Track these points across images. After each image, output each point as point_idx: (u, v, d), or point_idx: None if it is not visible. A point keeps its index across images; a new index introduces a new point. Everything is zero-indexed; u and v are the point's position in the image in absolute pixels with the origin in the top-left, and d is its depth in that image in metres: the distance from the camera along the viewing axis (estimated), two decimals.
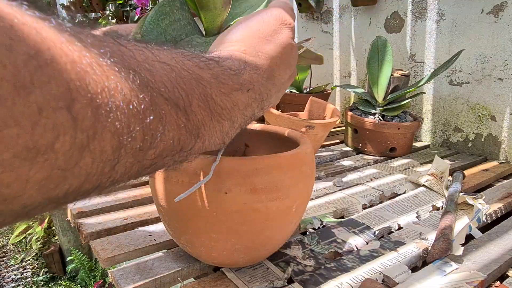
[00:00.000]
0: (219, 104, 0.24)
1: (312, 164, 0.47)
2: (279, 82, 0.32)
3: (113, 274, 0.47)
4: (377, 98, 0.97)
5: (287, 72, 0.33)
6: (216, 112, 0.24)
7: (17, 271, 2.31)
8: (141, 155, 0.19)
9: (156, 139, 0.19)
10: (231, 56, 0.28)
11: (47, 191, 0.15)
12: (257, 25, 0.31)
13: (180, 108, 0.21)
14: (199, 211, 0.41)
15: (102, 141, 0.16)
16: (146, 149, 0.19)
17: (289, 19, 0.33)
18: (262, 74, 0.29)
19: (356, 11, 1.29)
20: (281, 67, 0.31)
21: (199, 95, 0.22)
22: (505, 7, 0.90)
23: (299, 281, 0.47)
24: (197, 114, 0.22)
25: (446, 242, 0.53)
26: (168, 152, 0.21)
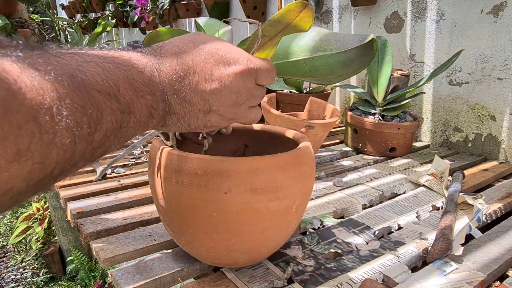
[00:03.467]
0: (139, 81, 0.30)
1: (312, 164, 0.47)
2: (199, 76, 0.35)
3: (113, 274, 0.47)
4: (377, 98, 0.97)
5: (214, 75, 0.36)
6: (139, 89, 0.30)
7: (17, 272, 2.31)
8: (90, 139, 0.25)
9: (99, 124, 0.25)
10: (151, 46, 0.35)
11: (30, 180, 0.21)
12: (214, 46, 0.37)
13: (111, 95, 0.26)
14: (199, 211, 0.41)
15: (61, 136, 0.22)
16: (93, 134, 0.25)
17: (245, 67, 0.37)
18: (165, 53, 0.34)
19: (355, 11, 1.29)
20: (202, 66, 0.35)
21: (123, 79, 0.28)
22: (504, 7, 0.90)
23: (299, 281, 0.47)
24: (125, 96, 0.28)
25: (446, 242, 0.53)
26: (111, 132, 0.27)
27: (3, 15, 1.51)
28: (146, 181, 0.78)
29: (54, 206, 2.06)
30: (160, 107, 0.32)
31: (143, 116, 0.30)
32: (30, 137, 0.20)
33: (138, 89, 0.30)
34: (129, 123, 0.29)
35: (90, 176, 0.80)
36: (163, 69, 0.33)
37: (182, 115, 0.35)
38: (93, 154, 0.26)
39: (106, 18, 2.43)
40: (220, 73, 0.36)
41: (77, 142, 0.23)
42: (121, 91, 0.27)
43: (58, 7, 4.71)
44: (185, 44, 0.36)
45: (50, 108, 0.21)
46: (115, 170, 0.83)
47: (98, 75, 0.26)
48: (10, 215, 2.83)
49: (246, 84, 0.37)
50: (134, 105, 0.29)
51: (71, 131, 0.23)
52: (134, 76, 0.30)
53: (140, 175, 0.82)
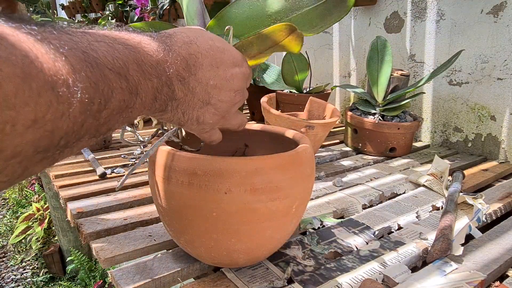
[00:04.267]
0: (148, 64, 0.30)
1: (312, 164, 0.47)
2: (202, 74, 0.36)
3: (113, 275, 0.47)
4: (377, 98, 0.97)
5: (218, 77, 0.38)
6: (147, 72, 0.30)
7: (17, 272, 2.31)
8: (97, 115, 0.25)
9: (108, 102, 0.26)
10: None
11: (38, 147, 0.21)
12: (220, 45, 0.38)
13: (121, 75, 0.27)
14: (199, 211, 0.41)
15: (74, 109, 0.23)
16: (102, 110, 0.25)
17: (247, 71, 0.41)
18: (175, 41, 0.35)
19: (355, 11, 1.29)
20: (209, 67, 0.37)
21: (133, 60, 0.29)
22: (504, 7, 0.90)
23: (299, 281, 0.47)
24: (134, 77, 0.28)
25: (446, 242, 0.53)
26: (118, 110, 0.27)
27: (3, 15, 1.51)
28: (146, 181, 0.78)
29: (54, 206, 2.06)
30: (164, 91, 0.33)
31: (148, 99, 0.31)
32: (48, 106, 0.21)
33: (146, 71, 0.30)
34: (135, 104, 0.29)
35: (90, 176, 0.80)
36: (173, 56, 0.34)
37: (182, 102, 0.36)
38: (98, 130, 0.27)
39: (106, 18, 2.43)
40: (225, 70, 0.38)
41: (87, 116, 0.24)
42: (130, 72, 0.28)
43: (58, 7, 4.71)
44: (195, 36, 0.37)
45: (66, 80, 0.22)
46: (115, 170, 0.83)
47: (109, 55, 0.26)
48: (10, 215, 2.83)
49: (244, 85, 0.41)
50: (141, 87, 0.30)
51: (84, 105, 0.23)
52: (143, 59, 0.30)
53: (140, 175, 0.82)
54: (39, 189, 2.65)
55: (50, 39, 0.22)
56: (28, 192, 2.81)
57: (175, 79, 0.34)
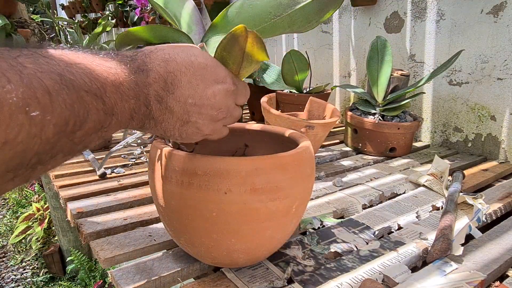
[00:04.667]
0: (125, 85, 0.31)
1: (312, 164, 0.47)
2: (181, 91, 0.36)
3: (113, 274, 0.47)
4: (377, 98, 0.97)
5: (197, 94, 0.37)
6: (124, 93, 0.31)
7: (17, 272, 2.31)
8: (72, 135, 0.26)
9: (84, 123, 0.26)
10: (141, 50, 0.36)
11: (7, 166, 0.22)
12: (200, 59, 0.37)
13: (98, 97, 0.27)
14: (199, 211, 0.41)
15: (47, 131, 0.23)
16: (76, 131, 0.26)
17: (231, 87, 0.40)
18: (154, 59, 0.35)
19: (355, 11, 1.29)
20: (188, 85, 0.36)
21: (110, 82, 0.29)
22: (504, 7, 0.90)
23: (299, 281, 0.47)
24: (111, 98, 0.29)
25: (446, 242, 0.53)
26: (93, 131, 0.28)
27: (3, 15, 1.51)
28: (146, 181, 0.78)
29: (54, 206, 2.06)
30: (142, 111, 0.34)
31: (124, 118, 0.32)
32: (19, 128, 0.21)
33: (124, 92, 0.31)
34: (111, 123, 0.30)
35: (90, 176, 0.80)
36: (151, 75, 0.34)
37: (160, 120, 0.36)
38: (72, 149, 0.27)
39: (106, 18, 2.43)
40: (205, 88, 0.37)
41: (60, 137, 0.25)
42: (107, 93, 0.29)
43: (58, 7, 4.71)
44: (176, 53, 0.36)
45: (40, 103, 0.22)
46: (115, 170, 0.83)
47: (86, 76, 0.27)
48: (10, 215, 2.83)
49: (227, 103, 0.40)
50: (118, 107, 0.30)
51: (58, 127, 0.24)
52: (121, 80, 0.31)
53: (140, 175, 0.82)
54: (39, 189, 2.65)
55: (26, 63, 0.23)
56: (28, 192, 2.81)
57: (153, 99, 0.34)
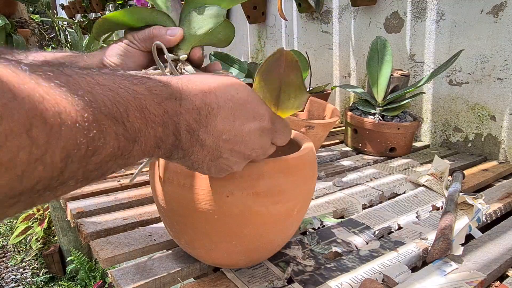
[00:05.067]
0: (153, 112, 0.29)
1: (314, 166, 0.47)
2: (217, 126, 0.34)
3: (113, 274, 0.47)
4: (376, 98, 0.97)
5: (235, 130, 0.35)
6: (150, 120, 0.28)
7: (17, 272, 2.31)
8: (85, 161, 0.23)
9: (98, 148, 0.24)
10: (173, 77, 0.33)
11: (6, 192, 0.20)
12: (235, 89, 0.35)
13: (118, 121, 0.25)
14: (200, 213, 0.41)
15: (52, 154, 0.20)
16: (90, 156, 0.23)
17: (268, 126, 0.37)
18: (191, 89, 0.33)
19: (355, 11, 1.29)
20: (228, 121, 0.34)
21: (136, 107, 0.27)
22: (504, 7, 0.90)
23: (299, 281, 0.47)
24: (134, 123, 0.27)
25: (446, 242, 0.53)
26: (110, 157, 0.25)
27: (3, 15, 1.51)
28: (146, 181, 0.78)
29: (54, 206, 2.06)
30: (170, 140, 0.31)
31: (148, 146, 0.29)
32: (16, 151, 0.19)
33: (150, 119, 0.28)
34: (132, 151, 0.27)
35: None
36: (184, 104, 0.32)
37: (190, 153, 0.34)
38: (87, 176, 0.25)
39: None
40: (242, 125, 0.35)
41: (69, 162, 0.22)
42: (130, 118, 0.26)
43: (58, 7, 4.71)
44: (217, 85, 0.34)
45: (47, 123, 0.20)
46: None
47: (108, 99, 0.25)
48: None
49: (262, 142, 0.37)
50: (141, 134, 0.28)
51: (66, 150, 0.21)
52: (148, 106, 0.28)
53: (140, 175, 0.82)
54: None
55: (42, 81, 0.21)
56: None
57: (183, 129, 0.32)
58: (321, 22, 1.44)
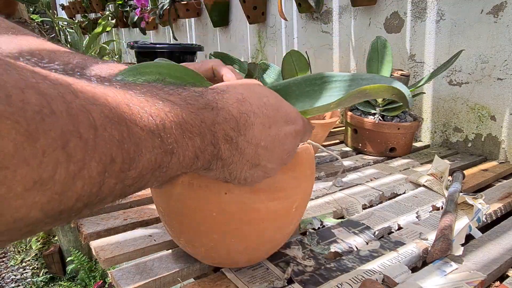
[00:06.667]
0: (189, 122, 0.28)
1: (312, 165, 0.47)
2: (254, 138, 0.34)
3: (113, 275, 0.47)
4: (376, 98, 0.97)
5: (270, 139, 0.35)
6: (187, 130, 0.28)
7: (17, 272, 2.31)
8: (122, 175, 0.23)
9: (134, 162, 0.23)
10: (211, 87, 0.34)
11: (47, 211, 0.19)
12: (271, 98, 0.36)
13: (154, 133, 0.25)
14: (199, 211, 0.41)
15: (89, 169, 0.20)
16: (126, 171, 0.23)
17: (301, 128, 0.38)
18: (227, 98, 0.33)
19: (355, 11, 1.29)
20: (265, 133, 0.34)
21: (171, 118, 0.27)
22: (504, 7, 0.90)
23: (299, 281, 0.47)
24: (171, 135, 0.26)
25: (446, 242, 0.53)
26: (148, 171, 0.25)
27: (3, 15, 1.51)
28: None
29: None
30: (208, 150, 0.31)
31: (187, 158, 0.29)
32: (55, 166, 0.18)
33: (187, 130, 0.28)
34: (170, 163, 0.27)
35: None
36: (221, 114, 0.31)
37: (229, 162, 0.33)
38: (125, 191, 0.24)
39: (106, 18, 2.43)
40: (278, 130, 0.35)
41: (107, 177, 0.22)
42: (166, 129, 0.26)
43: (58, 7, 4.71)
44: (249, 93, 0.35)
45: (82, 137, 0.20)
46: None
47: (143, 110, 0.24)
48: None
49: (296, 144, 0.38)
50: (179, 145, 0.27)
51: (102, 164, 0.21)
52: (185, 116, 0.28)
53: None
54: None
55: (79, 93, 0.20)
56: None
57: (221, 138, 0.31)
58: (321, 22, 1.44)
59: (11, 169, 0.17)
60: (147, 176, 0.25)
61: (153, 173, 0.26)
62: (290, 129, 0.36)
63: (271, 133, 0.35)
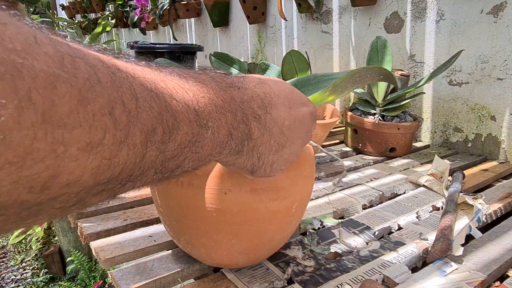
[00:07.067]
0: (220, 98, 0.30)
1: (312, 164, 0.47)
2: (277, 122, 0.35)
3: (113, 275, 0.47)
4: (376, 98, 0.97)
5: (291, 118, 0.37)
6: (219, 105, 0.29)
7: (17, 272, 2.31)
8: (162, 147, 0.24)
9: (173, 133, 0.25)
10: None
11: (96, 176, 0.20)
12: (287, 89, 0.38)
13: (189, 106, 0.26)
14: (198, 211, 0.41)
15: (133, 137, 0.22)
16: (166, 142, 0.24)
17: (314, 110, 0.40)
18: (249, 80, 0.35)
19: (355, 11, 1.29)
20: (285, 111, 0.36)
21: (203, 94, 0.28)
22: (504, 7, 0.90)
23: (299, 281, 0.47)
24: (205, 109, 0.28)
25: (446, 242, 0.53)
26: (186, 144, 0.26)
27: None
28: None
29: None
30: (241, 128, 0.32)
31: (221, 135, 0.29)
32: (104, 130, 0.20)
33: (219, 105, 0.29)
34: (206, 138, 0.28)
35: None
36: (248, 93, 0.33)
37: (259, 143, 0.34)
38: (165, 165, 0.25)
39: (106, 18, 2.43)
40: (297, 110, 0.37)
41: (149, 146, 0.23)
42: (200, 104, 0.27)
43: (58, 7, 4.71)
44: (266, 79, 0.37)
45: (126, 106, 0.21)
46: None
47: (178, 86, 0.26)
48: None
49: (312, 125, 0.40)
50: (213, 121, 0.28)
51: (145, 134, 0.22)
52: (216, 92, 0.29)
53: None
54: None
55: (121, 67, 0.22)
56: None
57: (251, 116, 0.32)
58: (321, 22, 1.44)
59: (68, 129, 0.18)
60: (185, 150, 0.26)
61: (190, 147, 0.27)
62: (306, 110, 0.38)
63: (292, 113, 0.36)
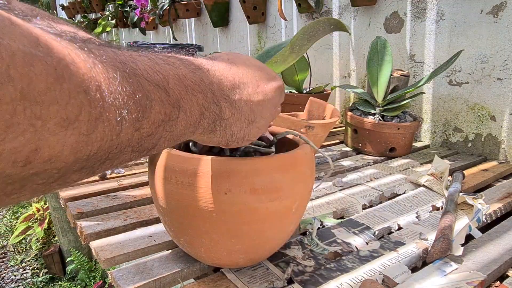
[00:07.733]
0: (190, 79, 0.31)
1: (312, 165, 0.47)
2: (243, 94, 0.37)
3: (113, 275, 0.47)
4: (376, 98, 0.97)
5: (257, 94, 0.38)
6: (189, 87, 0.30)
7: (16, 272, 2.31)
8: (138, 125, 0.25)
9: (146, 111, 0.26)
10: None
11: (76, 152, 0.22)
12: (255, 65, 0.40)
13: (160, 87, 0.27)
14: (198, 211, 0.41)
15: (108, 113, 0.23)
16: (141, 119, 0.25)
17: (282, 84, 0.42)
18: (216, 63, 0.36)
19: (355, 11, 1.29)
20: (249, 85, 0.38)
21: (173, 75, 0.29)
22: (504, 7, 0.90)
23: (299, 281, 0.47)
24: (175, 90, 0.29)
25: (446, 242, 0.53)
26: (160, 123, 0.27)
27: None
28: (146, 182, 0.78)
29: (54, 207, 2.06)
30: (212, 109, 0.33)
31: (193, 115, 0.31)
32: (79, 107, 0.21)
33: (189, 86, 0.30)
34: (178, 118, 0.29)
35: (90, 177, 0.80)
36: (216, 75, 0.34)
37: (231, 122, 0.36)
38: (141, 143, 0.27)
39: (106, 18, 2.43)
40: (265, 86, 0.39)
41: (124, 124, 0.24)
42: (170, 85, 0.28)
43: (58, 7, 4.71)
44: (233, 57, 0.38)
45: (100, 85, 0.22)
46: (115, 171, 0.83)
47: (149, 68, 0.27)
48: (10, 216, 2.83)
49: (281, 99, 0.41)
50: (184, 101, 0.30)
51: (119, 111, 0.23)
52: (185, 74, 0.30)
53: (140, 175, 0.82)
54: None
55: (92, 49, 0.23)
56: None
57: (220, 97, 0.34)
58: None
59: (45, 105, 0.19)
60: (159, 129, 0.27)
61: (164, 126, 0.28)
62: (274, 85, 0.40)
63: (260, 90, 0.38)
